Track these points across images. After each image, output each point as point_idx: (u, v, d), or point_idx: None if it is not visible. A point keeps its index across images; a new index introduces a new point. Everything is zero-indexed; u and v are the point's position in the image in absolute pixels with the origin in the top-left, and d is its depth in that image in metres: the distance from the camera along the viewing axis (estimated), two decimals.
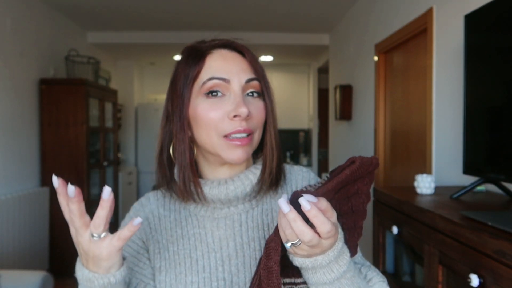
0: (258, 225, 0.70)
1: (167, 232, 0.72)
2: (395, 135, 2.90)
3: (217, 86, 0.66)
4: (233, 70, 0.67)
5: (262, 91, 0.70)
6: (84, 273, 0.58)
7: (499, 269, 0.93)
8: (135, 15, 4.08)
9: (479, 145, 1.46)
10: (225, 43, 0.71)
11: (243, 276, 0.67)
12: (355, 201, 0.62)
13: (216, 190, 0.68)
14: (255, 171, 0.71)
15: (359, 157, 0.60)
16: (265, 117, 0.69)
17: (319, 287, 0.57)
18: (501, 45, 1.35)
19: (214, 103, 0.66)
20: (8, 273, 2.09)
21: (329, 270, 0.56)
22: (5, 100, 3.09)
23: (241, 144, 0.65)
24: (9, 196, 3.01)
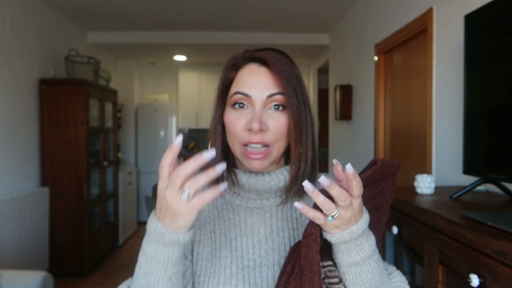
0: (287, 217, 0.78)
1: (205, 213, 0.80)
2: (395, 135, 2.90)
3: (241, 99, 0.74)
4: (257, 85, 0.73)
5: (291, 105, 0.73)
6: (158, 226, 0.60)
7: (499, 269, 0.93)
8: (135, 15, 4.08)
9: (479, 145, 1.46)
10: (257, 58, 0.76)
11: (272, 259, 0.74)
12: (379, 200, 0.69)
13: (254, 179, 0.76)
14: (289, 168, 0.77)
15: (381, 159, 0.67)
16: (287, 130, 0.73)
17: (352, 268, 0.64)
18: (501, 45, 1.35)
19: (238, 114, 0.74)
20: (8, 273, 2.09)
21: (361, 249, 0.63)
22: (5, 100, 3.09)
23: (256, 158, 0.72)
24: (9, 196, 3.01)
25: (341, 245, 0.63)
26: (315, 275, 0.61)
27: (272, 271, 0.73)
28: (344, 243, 0.63)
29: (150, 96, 6.46)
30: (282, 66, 0.74)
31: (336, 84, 4.07)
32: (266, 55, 0.75)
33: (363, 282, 0.64)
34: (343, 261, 0.64)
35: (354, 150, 3.73)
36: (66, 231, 3.64)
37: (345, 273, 0.65)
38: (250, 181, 0.76)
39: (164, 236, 0.60)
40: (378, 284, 0.66)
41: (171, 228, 0.60)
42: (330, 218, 0.60)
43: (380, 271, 0.66)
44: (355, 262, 0.64)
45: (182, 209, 0.58)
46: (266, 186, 0.76)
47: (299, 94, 0.75)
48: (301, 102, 0.75)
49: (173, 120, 6.19)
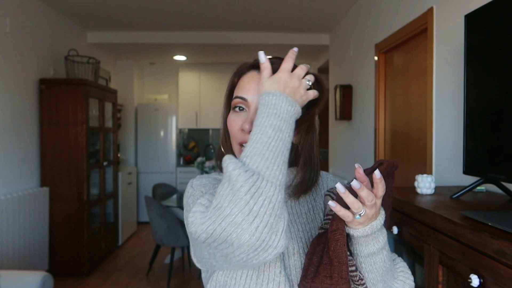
0: (297, 212, 0.84)
1: None
2: (395, 135, 2.89)
3: (239, 103, 0.81)
4: (253, 90, 0.80)
5: None
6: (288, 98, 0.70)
7: (499, 269, 0.93)
8: (135, 15, 4.08)
9: (479, 145, 1.46)
10: (257, 65, 0.82)
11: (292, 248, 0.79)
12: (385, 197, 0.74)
13: None
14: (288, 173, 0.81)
15: (385, 160, 0.75)
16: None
17: (368, 257, 0.72)
18: (501, 45, 1.35)
19: (236, 116, 0.81)
20: (8, 273, 2.09)
21: (377, 241, 0.71)
22: (5, 100, 3.09)
23: None
24: (9, 196, 3.01)
25: (360, 238, 0.71)
26: (343, 266, 0.68)
27: (293, 259, 0.78)
28: (364, 237, 0.71)
29: (150, 96, 6.46)
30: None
31: (336, 84, 4.07)
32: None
33: (377, 270, 0.73)
34: (361, 251, 0.72)
35: (354, 150, 3.72)
36: (66, 231, 3.64)
37: (362, 262, 0.73)
38: None
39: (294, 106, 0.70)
40: (388, 270, 0.74)
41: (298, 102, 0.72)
42: (358, 216, 0.68)
43: (390, 259, 0.75)
44: (371, 253, 0.72)
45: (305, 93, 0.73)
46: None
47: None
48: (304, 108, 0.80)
49: (173, 120, 6.19)
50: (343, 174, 3.96)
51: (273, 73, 0.75)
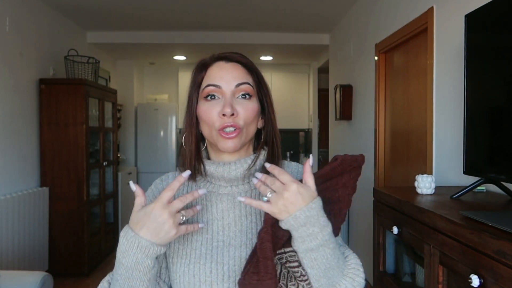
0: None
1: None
2: (395, 135, 2.89)
3: (213, 91, 0.84)
4: (225, 78, 0.84)
5: (257, 94, 0.87)
6: (142, 241, 0.71)
7: (499, 270, 0.93)
8: (135, 15, 4.08)
9: (480, 145, 1.46)
10: (223, 56, 0.87)
11: (239, 240, 0.83)
12: (342, 192, 0.78)
13: (221, 168, 0.85)
14: (253, 157, 0.87)
15: (342, 155, 0.77)
16: (255, 115, 0.85)
17: (308, 253, 0.73)
18: (501, 45, 1.35)
19: (211, 105, 0.84)
20: (7, 273, 2.08)
21: (314, 238, 0.72)
22: (4, 100, 3.09)
23: (230, 137, 0.82)
24: (9, 196, 3.01)
25: (294, 233, 0.73)
26: (269, 261, 0.70)
27: (239, 251, 0.82)
28: (295, 231, 0.72)
29: (150, 96, 6.46)
30: (246, 61, 0.87)
31: (336, 84, 4.06)
32: (231, 54, 0.87)
33: (319, 266, 0.74)
34: (299, 247, 0.74)
35: (354, 150, 3.72)
36: (66, 231, 3.63)
37: (303, 258, 0.74)
38: (218, 170, 0.85)
39: (149, 249, 0.71)
40: (334, 267, 0.75)
41: (156, 242, 0.71)
42: (264, 198, 0.74)
43: (336, 257, 0.76)
44: (309, 249, 0.73)
45: (174, 229, 0.72)
46: (233, 174, 0.85)
47: (263, 85, 0.89)
48: (265, 92, 0.88)
49: (173, 120, 6.19)
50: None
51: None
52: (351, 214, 3.94)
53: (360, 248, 3.62)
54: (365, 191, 3.37)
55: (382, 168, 3.04)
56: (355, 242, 3.82)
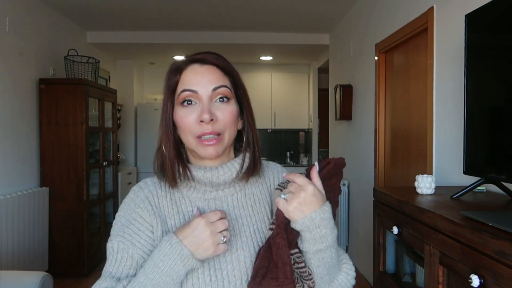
0: (243, 205, 0.86)
1: (165, 209, 0.85)
2: (395, 135, 2.89)
3: (189, 96, 0.81)
4: (201, 82, 0.81)
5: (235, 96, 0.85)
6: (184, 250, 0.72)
7: (499, 270, 0.93)
8: (135, 15, 4.07)
9: (480, 145, 1.46)
10: (198, 59, 0.83)
11: (234, 243, 0.81)
12: (332, 194, 0.80)
13: (209, 174, 0.83)
14: (239, 161, 0.86)
15: (332, 158, 0.81)
16: (235, 118, 0.83)
17: (317, 254, 0.75)
18: (502, 45, 1.35)
19: (187, 111, 0.81)
20: (7, 273, 2.08)
21: (325, 239, 0.74)
22: (4, 100, 3.09)
23: (210, 144, 0.80)
24: (8, 196, 3.00)
25: (306, 234, 0.74)
26: (287, 266, 0.72)
27: (236, 254, 0.80)
28: (308, 232, 0.73)
29: (149, 96, 6.46)
30: (220, 62, 0.84)
31: (336, 84, 4.06)
32: (205, 56, 0.84)
33: (324, 265, 0.76)
34: (309, 248, 0.75)
35: (354, 150, 3.72)
36: (66, 231, 3.63)
37: (311, 258, 0.76)
38: (206, 175, 0.83)
39: (188, 259, 0.72)
40: (335, 264, 0.79)
41: (196, 255, 0.72)
42: (282, 195, 0.75)
43: (337, 255, 0.80)
44: (319, 250, 0.75)
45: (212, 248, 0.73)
46: (221, 179, 0.83)
47: (240, 85, 0.86)
48: (243, 93, 0.86)
49: None
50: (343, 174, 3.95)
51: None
52: (351, 214, 3.93)
53: (360, 248, 3.62)
54: (365, 191, 3.37)
55: (382, 168, 3.04)
56: (355, 242, 3.82)
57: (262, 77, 6.31)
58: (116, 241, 0.82)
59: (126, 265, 0.79)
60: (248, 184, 0.89)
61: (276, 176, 0.94)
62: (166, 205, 0.85)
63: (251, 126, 0.87)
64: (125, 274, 0.79)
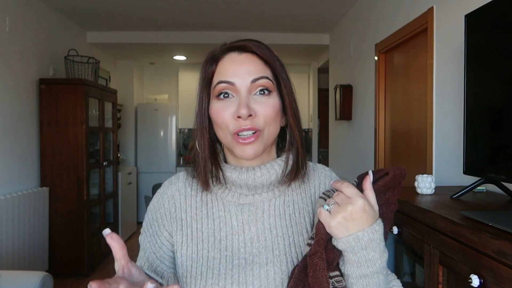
0: (280, 214, 0.76)
1: (192, 210, 0.78)
2: (395, 135, 2.89)
3: (225, 89, 0.72)
4: (239, 72, 0.72)
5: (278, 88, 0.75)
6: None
7: (499, 270, 0.93)
8: (135, 15, 4.07)
9: (480, 145, 1.46)
10: (236, 46, 0.75)
11: (264, 257, 0.72)
12: (386, 209, 0.68)
13: (245, 175, 0.74)
14: (280, 162, 0.76)
15: (392, 169, 0.68)
16: (276, 113, 0.74)
17: (361, 279, 0.64)
18: (501, 45, 1.35)
19: (223, 105, 0.72)
20: (8, 273, 2.08)
21: (373, 264, 0.64)
22: (4, 100, 3.09)
23: (248, 143, 0.71)
24: (9, 196, 3.01)
25: (350, 255, 0.64)
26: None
27: (265, 269, 0.71)
28: (352, 253, 0.63)
29: (150, 96, 6.46)
30: (262, 50, 0.75)
31: (336, 84, 4.06)
32: (244, 43, 0.76)
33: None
34: (353, 272, 0.65)
35: (354, 150, 3.72)
36: (66, 231, 3.63)
37: (353, 284, 0.65)
38: (241, 177, 0.74)
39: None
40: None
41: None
42: (326, 206, 0.65)
43: (386, 283, 0.67)
44: (364, 275, 0.64)
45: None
46: (258, 181, 0.74)
47: (284, 77, 0.76)
48: (287, 85, 0.76)
49: (173, 120, 6.19)
50: (343, 174, 3.96)
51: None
52: None
53: None
54: None
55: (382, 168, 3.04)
56: None
57: None
58: (142, 237, 0.82)
59: (145, 266, 0.79)
60: (289, 189, 0.79)
61: (323, 181, 0.83)
62: (195, 206, 0.78)
63: (294, 124, 0.76)
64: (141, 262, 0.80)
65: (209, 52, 0.78)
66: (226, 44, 0.77)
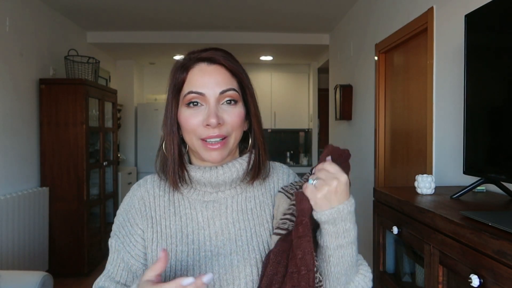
0: (242, 209, 0.83)
1: (161, 209, 0.83)
2: (395, 135, 2.89)
3: (195, 98, 0.78)
4: (209, 84, 0.78)
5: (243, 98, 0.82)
6: None
7: (499, 270, 0.93)
8: (135, 15, 4.08)
9: (480, 145, 1.46)
10: (206, 58, 0.80)
11: (228, 248, 0.78)
12: None
13: (208, 174, 0.80)
14: (241, 161, 0.82)
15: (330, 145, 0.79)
16: (242, 121, 0.81)
17: (337, 250, 0.71)
18: (501, 45, 1.35)
19: (193, 112, 0.78)
20: (8, 273, 2.08)
21: (348, 234, 0.71)
22: (4, 100, 3.09)
23: (215, 148, 0.78)
24: (9, 196, 3.01)
25: (330, 227, 0.70)
26: (311, 273, 0.67)
27: (229, 258, 0.77)
28: (333, 225, 0.69)
29: (150, 96, 6.46)
30: (229, 63, 0.80)
31: (336, 84, 4.06)
32: (213, 54, 0.80)
33: (343, 263, 0.72)
34: (331, 243, 0.71)
35: (354, 150, 3.71)
36: (66, 231, 3.63)
37: (331, 256, 0.72)
38: (205, 175, 0.80)
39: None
40: (353, 264, 0.75)
41: None
42: (310, 180, 0.70)
43: (356, 254, 0.75)
44: (340, 245, 0.71)
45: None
46: (221, 179, 0.80)
47: (249, 87, 0.83)
48: (250, 95, 0.83)
49: None
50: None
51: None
52: None
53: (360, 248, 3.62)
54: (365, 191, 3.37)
55: (382, 168, 3.04)
56: None
57: (262, 77, 6.31)
58: (114, 240, 0.84)
59: (120, 267, 0.82)
60: (251, 186, 0.85)
61: (281, 178, 0.89)
62: (163, 206, 0.83)
63: (257, 128, 0.83)
64: (119, 274, 0.82)
65: (177, 61, 0.83)
66: (194, 52, 0.82)
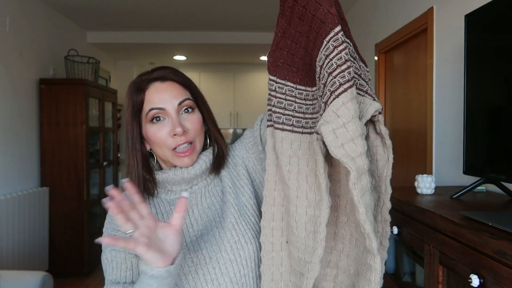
0: (214, 193, 0.92)
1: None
2: (395, 135, 2.89)
3: (158, 114, 0.86)
4: (166, 98, 0.87)
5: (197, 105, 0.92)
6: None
7: (499, 270, 0.93)
8: (135, 15, 4.08)
9: (480, 145, 1.46)
10: (157, 77, 0.89)
11: (209, 227, 0.87)
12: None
13: (180, 171, 0.89)
14: (207, 153, 0.92)
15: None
16: (201, 125, 0.91)
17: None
18: (501, 45, 1.35)
19: (158, 127, 0.87)
20: (8, 273, 2.08)
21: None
22: (4, 100, 3.09)
23: (186, 155, 0.87)
24: (9, 196, 3.01)
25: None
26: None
27: (212, 233, 0.86)
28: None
29: None
30: (179, 78, 0.90)
31: None
32: (163, 73, 0.90)
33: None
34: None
35: None
36: (66, 231, 3.63)
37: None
38: (177, 173, 0.89)
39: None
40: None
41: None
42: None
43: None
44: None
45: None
46: (192, 173, 0.89)
47: (200, 95, 0.94)
48: (202, 101, 0.94)
49: None
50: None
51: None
52: None
53: None
54: None
55: None
56: None
57: (262, 77, 6.30)
58: (108, 250, 0.85)
59: (122, 268, 0.84)
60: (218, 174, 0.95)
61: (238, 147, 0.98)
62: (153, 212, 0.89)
63: (214, 129, 0.95)
64: (124, 276, 0.83)
65: (131, 84, 0.91)
66: (144, 74, 0.91)
